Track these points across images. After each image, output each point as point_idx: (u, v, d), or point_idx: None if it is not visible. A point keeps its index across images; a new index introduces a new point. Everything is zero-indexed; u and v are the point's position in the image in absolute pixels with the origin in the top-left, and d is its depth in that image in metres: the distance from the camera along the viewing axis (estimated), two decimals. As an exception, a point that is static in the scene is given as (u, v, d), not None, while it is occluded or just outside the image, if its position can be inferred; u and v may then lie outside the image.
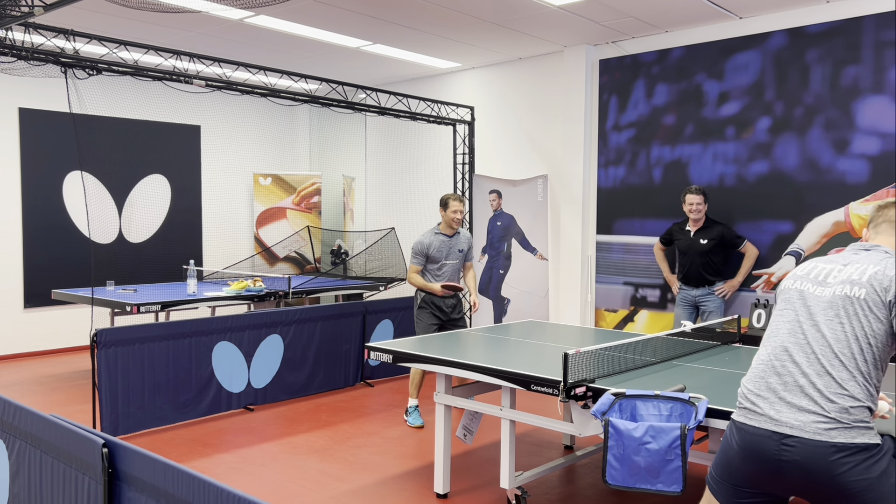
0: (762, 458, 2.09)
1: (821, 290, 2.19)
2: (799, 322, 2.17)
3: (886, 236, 2.30)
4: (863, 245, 2.29)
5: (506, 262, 7.44)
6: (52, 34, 4.96)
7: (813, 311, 2.16)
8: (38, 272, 7.69)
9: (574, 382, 3.05)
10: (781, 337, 2.19)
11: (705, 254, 5.58)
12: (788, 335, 2.17)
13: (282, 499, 3.90)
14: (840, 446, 1.99)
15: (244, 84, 6.01)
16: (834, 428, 2.01)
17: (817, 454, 2.00)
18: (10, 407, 2.70)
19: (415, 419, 5.24)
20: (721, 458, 2.24)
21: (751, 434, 2.12)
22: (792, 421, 2.05)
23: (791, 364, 2.13)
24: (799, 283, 2.25)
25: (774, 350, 2.18)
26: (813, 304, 2.17)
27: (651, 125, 6.41)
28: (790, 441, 2.04)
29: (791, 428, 2.05)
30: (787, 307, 2.24)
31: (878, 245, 2.26)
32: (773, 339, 2.21)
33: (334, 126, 9.62)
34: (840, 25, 5.39)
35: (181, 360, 5.21)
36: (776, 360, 2.16)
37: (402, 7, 5.71)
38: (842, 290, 2.14)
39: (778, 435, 2.06)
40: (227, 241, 9.19)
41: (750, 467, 2.13)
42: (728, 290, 5.64)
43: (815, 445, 2.01)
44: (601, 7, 5.69)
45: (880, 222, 2.34)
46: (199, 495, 1.84)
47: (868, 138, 5.30)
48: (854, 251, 2.28)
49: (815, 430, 2.02)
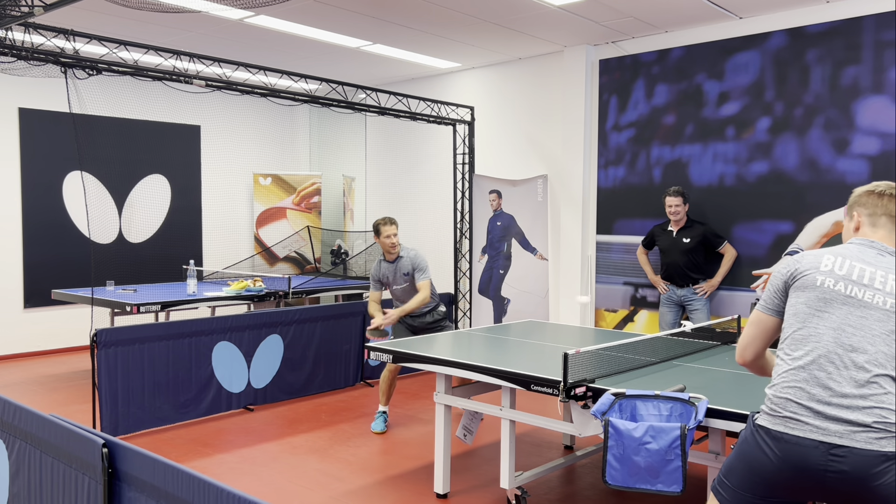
0: (805, 468, 2.01)
1: (871, 296, 2.07)
2: (845, 330, 2.06)
3: (886, 232, 2.21)
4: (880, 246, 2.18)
5: (506, 262, 7.44)
6: (51, 34, 4.96)
7: (866, 320, 2.06)
8: (38, 272, 7.69)
9: (574, 382, 3.05)
10: (825, 344, 2.07)
11: (688, 252, 5.70)
12: (834, 343, 2.06)
13: (282, 499, 3.90)
14: (890, 455, 1.95)
15: (244, 84, 6.01)
16: (884, 437, 1.96)
17: (866, 464, 1.95)
18: (10, 407, 2.70)
19: (377, 424, 5.12)
20: (740, 466, 2.13)
21: (794, 444, 2.03)
22: (841, 430, 1.98)
23: (839, 374, 2.03)
24: (842, 286, 2.10)
25: (817, 359, 2.06)
26: (865, 312, 2.06)
27: (651, 125, 6.41)
28: (839, 451, 1.97)
29: (840, 438, 1.98)
30: (828, 310, 2.10)
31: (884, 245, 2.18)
32: (813, 344, 2.09)
33: (334, 126, 9.62)
34: (840, 25, 5.39)
35: (181, 360, 5.21)
36: (819, 370, 2.05)
37: (402, 7, 5.71)
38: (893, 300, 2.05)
39: (826, 445, 1.99)
40: (227, 241, 9.19)
41: (787, 477, 2.05)
42: (708, 290, 5.72)
43: (865, 455, 1.95)
44: (601, 7, 5.69)
45: (880, 215, 2.22)
46: (199, 495, 1.84)
47: (868, 138, 5.30)
48: (878, 251, 2.16)
49: (866, 439, 1.97)
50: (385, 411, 5.18)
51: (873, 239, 2.21)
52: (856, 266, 2.13)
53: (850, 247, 2.20)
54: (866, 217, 2.24)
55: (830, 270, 2.14)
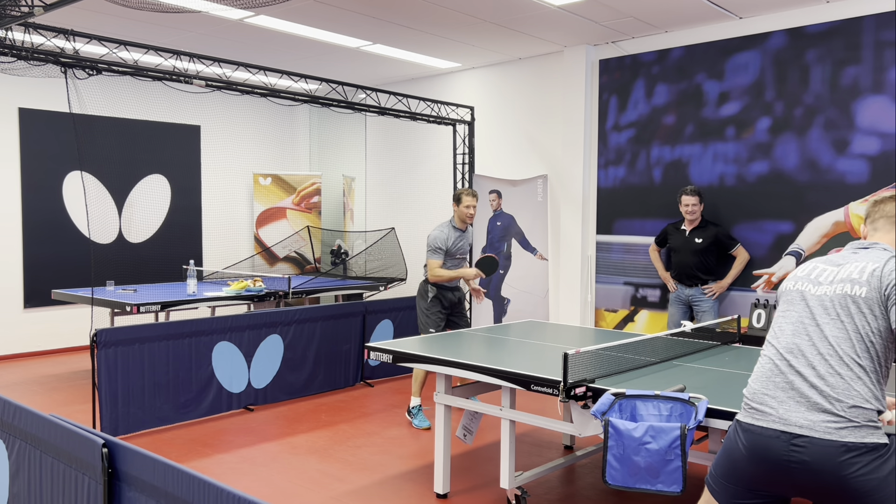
0: (770, 459, 2.08)
1: (821, 290, 2.19)
2: (802, 323, 2.17)
3: (884, 233, 2.30)
4: (861, 243, 2.28)
5: (506, 262, 7.44)
6: (51, 34, 4.96)
7: (815, 311, 2.16)
8: (38, 272, 7.69)
9: (574, 382, 3.05)
10: (786, 338, 2.18)
11: (700, 253, 5.67)
12: (792, 336, 2.17)
13: (282, 499, 3.90)
14: (850, 446, 1.98)
15: (244, 84, 6.01)
16: (844, 427, 1.99)
17: (827, 454, 1.99)
18: (10, 407, 2.70)
19: (420, 421, 5.20)
20: (723, 460, 2.22)
21: (758, 435, 2.11)
22: (801, 421, 2.04)
23: (798, 365, 2.12)
24: (800, 285, 2.24)
25: (779, 351, 2.18)
26: (814, 304, 2.17)
27: (651, 125, 6.41)
28: (800, 441, 2.03)
29: (801, 428, 2.04)
30: (790, 308, 2.23)
31: (876, 242, 2.25)
32: (778, 341, 2.21)
33: (334, 126, 9.62)
34: (840, 25, 5.39)
35: (181, 360, 5.21)
36: (781, 362, 2.15)
37: (402, 7, 5.71)
38: (842, 288, 2.14)
39: (787, 435, 2.05)
40: (227, 241, 9.19)
41: (756, 468, 2.12)
42: (717, 291, 5.70)
43: (825, 445, 2.00)
44: (601, 7, 5.69)
45: (878, 218, 2.33)
46: (199, 495, 1.84)
47: (868, 138, 5.30)
48: (853, 250, 2.27)
49: (826, 429, 2.01)
50: (420, 405, 5.23)
51: (871, 240, 2.29)
52: (824, 267, 2.24)
53: (839, 252, 2.33)
54: (869, 224, 2.37)
55: (796, 275, 2.30)
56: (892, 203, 2.31)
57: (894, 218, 2.29)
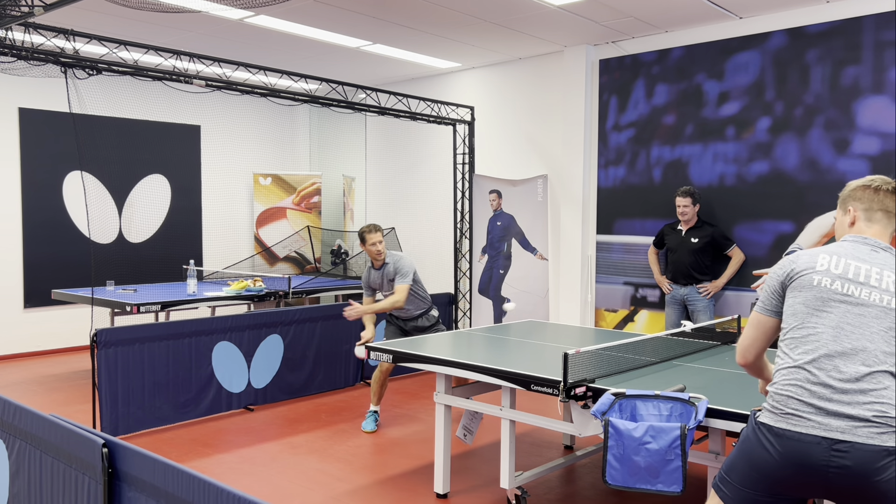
0: (808, 465, 2.03)
1: (868, 294, 2.09)
2: (843, 328, 2.08)
3: (881, 227, 2.22)
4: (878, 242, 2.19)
5: (506, 262, 7.44)
6: (52, 34, 4.96)
7: (864, 318, 2.08)
8: (38, 272, 7.69)
9: (574, 382, 3.05)
10: (825, 342, 2.08)
11: (695, 252, 5.70)
12: (833, 342, 2.08)
13: (282, 499, 3.90)
14: (891, 450, 1.97)
15: (244, 84, 6.01)
16: (885, 433, 1.98)
17: (869, 459, 1.97)
18: (10, 407, 2.70)
19: (367, 423, 5.13)
20: (742, 463, 2.15)
21: (796, 441, 2.05)
22: (843, 426, 2.01)
23: (839, 371, 2.05)
24: (839, 284, 2.12)
25: (817, 356, 2.08)
26: (863, 310, 2.08)
27: (651, 125, 6.41)
28: (842, 447, 1.99)
29: (843, 433, 2.00)
30: (826, 309, 2.11)
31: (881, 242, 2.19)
32: (814, 344, 2.10)
33: (334, 126, 9.62)
34: (840, 25, 5.39)
35: (181, 360, 5.21)
36: (819, 369, 2.07)
37: (402, 7, 5.71)
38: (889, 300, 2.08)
39: (828, 441, 2.01)
40: (227, 241, 9.19)
41: (789, 473, 2.07)
42: (712, 290, 5.72)
43: (867, 451, 1.97)
44: (601, 7, 5.69)
45: (875, 210, 2.23)
46: (199, 495, 1.84)
47: (868, 138, 5.30)
48: (872, 248, 2.18)
49: (868, 434, 1.99)
50: (376, 411, 5.18)
51: (867, 235, 2.22)
52: (851, 264, 2.14)
53: (845, 244, 2.21)
54: (862, 212, 2.25)
55: (827, 269, 2.15)
56: (891, 197, 2.23)
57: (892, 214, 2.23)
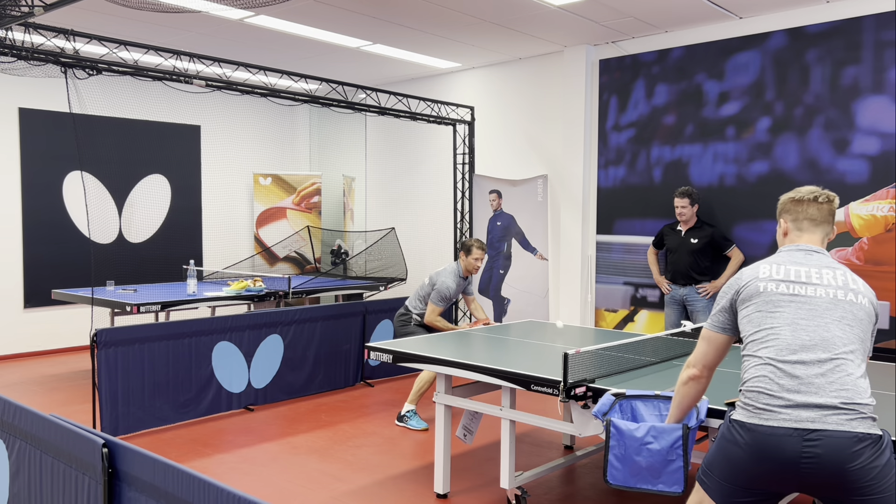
0: (781, 459, 2.08)
1: (815, 291, 2.22)
2: (798, 323, 2.18)
3: (810, 235, 2.38)
4: (808, 247, 2.35)
5: (506, 262, 7.44)
6: (52, 34, 4.96)
7: (816, 311, 2.19)
8: (38, 272, 7.69)
9: (574, 382, 3.05)
10: (784, 338, 2.18)
11: (694, 253, 5.71)
12: (792, 336, 2.17)
13: (282, 499, 3.90)
14: (861, 436, 2.03)
15: (244, 84, 6.01)
16: (854, 419, 2.05)
17: (841, 445, 2.03)
18: (10, 407, 2.69)
19: (417, 422, 5.18)
20: (720, 459, 2.21)
21: (768, 435, 2.10)
22: (813, 416, 2.07)
23: (803, 363, 2.13)
24: (784, 287, 2.25)
25: (779, 351, 2.17)
26: (813, 304, 2.20)
27: (651, 125, 6.41)
28: (813, 436, 2.05)
29: (813, 423, 2.06)
30: (778, 310, 2.22)
31: (813, 246, 2.34)
32: (774, 341, 2.19)
33: (334, 126, 9.62)
34: (840, 25, 5.39)
35: (181, 360, 5.21)
36: (783, 363, 2.15)
37: (402, 7, 5.71)
38: (844, 294, 2.21)
39: (800, 431, 2.06)
40: (227, 241, 9.19)
41: (763, 467, 2.12)
42: (711, 291, 5.72)
43: (838, 437, 2.04)
44: (601, 7, 5.69)
45: (802, 220, 2.40)
46: (199, 495, 1.84)
47: (868, 138, 5.30)
48: (806, 252, 2.34)
49: (837, 421, 2.05)
50: (414, 410, 5.23)
51: (799, 243, 2.38)
52: (791, 268, 2.29)
53: (782, 254, 2.38)
54: (791, 223, 2.43)
55: (769, 276, 2.30)
56: (814, 206, 2.38)
57: (821, 221, 2.38)
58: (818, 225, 2.39)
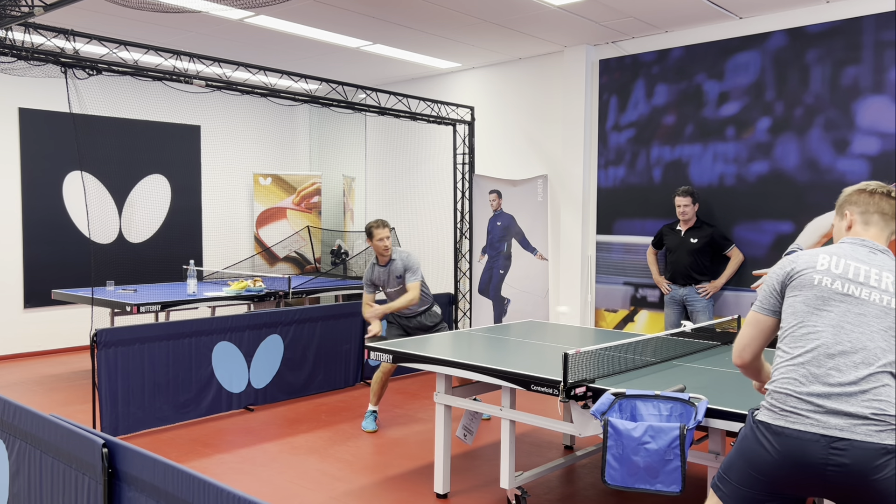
0: (806, 463, 2.03)
1: (870, 295, 2.11)
2: (843, 327, 2.09)
3: (877, 230, 2.24)
4: (875, 245, 2.21)
5: (506, 262, 7.44)
6: (52, 34, 4.96)
7: (864, 317, 2.09)
8: (38, 272, 7.69)
9: (574, 382, 3.05)
10: (824, 340, 2.09)
11: (694, 253, 5.71)
12: (833, 339, 2.08)
13: (282, 499, 3.90)
14: (889, 448, 1.98)
15: (244, 84, 6.01)
16: (884, 430, 1.99)
17: (868, 457, 1.98)
18: (10, 407, 2.70)
19: (367, 423, 5.14)
20: (740, 462, 2.15)
21: (794, 438, 2.05)
22: (842, 424, 2.01)
23: (838, 369, 2.05)
24: (839, 284, 2.13)
25: (816, 354, 2.09)
26: (863, 309, 2.10)
27: (651, 125, 6.41)
28: (840, 444, 1.99)
29: (841, 431, 2.00)
30: (826, 308, 2.12)
31: (879, 245, 2.21)
32: (813, 342, 2.11)
33: (334, 126, 9.62)
34: (840, 25, 5.39)
35: (181, 360, 5.21)
36: (818, 366, 2.08)
37: (402, 7, 5.72)
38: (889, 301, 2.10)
39: (827, 438, 2.01)
40: (227, 241, 9.19)
41: (787, 472, 2.07)
42: (711, 291, 5.72)
43: (865, 448, 1.98)
44: (601, 7, 5.69)
45: (872, 213, 2.25)
46: (199, 495, 1.84)
47: (868, 138, 5.30)
48: (871, 249, 2.19)
49: (866, 432, 1.99)
50: (375, 410, 5.19)
51: (864, 237, 2.24)
52: (851, 264, 2.16)
53: (843, 246, 2.23)
54: (858, 215, 2.27)
55: (827, 269, 2.17)
56: (887, 200, 2.25)
57: (892, 217, 2.25)
58: (888, 221, 2.24)
